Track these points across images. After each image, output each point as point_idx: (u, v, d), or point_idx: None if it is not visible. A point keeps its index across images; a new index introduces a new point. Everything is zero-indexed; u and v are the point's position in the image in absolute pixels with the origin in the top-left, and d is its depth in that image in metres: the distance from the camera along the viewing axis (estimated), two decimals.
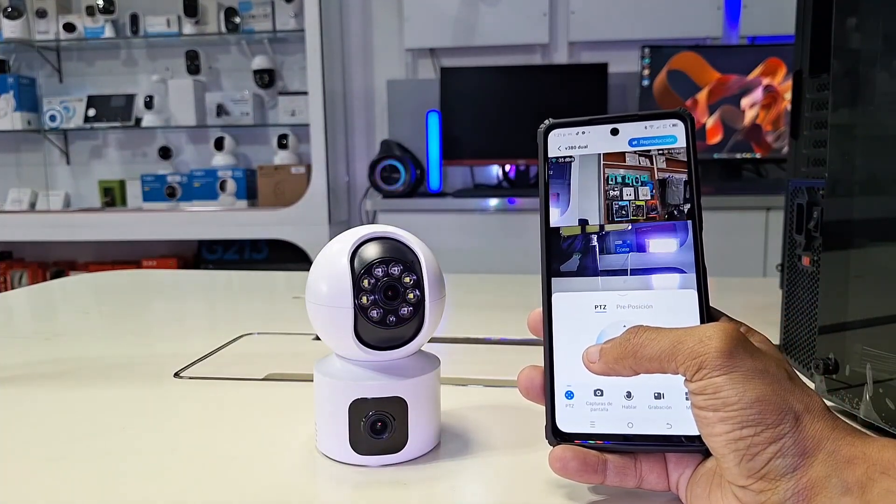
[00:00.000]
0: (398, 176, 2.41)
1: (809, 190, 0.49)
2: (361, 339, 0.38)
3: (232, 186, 2.69)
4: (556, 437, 0.34)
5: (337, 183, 2.68)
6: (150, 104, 2.72)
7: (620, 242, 0.34)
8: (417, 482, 0.37)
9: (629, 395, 0.34)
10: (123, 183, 2.89)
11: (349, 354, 0.39)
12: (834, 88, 0.42)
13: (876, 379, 0.39)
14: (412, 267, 0.38)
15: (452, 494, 0.36)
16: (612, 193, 0.35)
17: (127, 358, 0.62)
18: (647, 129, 0.35)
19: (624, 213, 0.35)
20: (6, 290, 2.64)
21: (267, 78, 2.73)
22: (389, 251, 0.39)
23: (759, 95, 2.34)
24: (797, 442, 0.28)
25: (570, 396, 0.34)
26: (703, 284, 0.33)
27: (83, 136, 2.94)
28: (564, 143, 0.36)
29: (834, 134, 0.42)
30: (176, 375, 0.56)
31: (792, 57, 0.53)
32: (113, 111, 2.77)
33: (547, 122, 0.36)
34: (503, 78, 2.52)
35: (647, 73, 2.38)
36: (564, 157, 0.36)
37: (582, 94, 2.48)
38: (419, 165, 2.54)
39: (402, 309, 0.38)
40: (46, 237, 2.69)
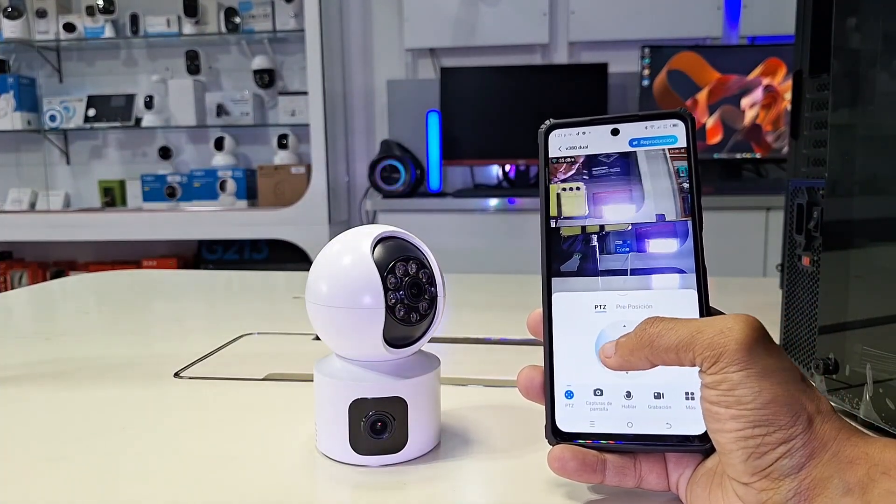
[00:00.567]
0: (398, 176, 2.41)
1: (809, 190, 0.49)
2: (384, 338, 0.38)
3: (232, 186, 2.69)
4: (555, 436, 0.34)
5: (337, 183, 2.68)
6: (150, 104, 2.72)
7: (620, 242, 0.34)
8: (417, 482, 0.37)
9: (629, 394, 0.34)
10: (123, 183, 2.89)
11: (368, 356, 0.39)
12: (834, 88, 0.42)
13: (876, 379, 0.39)
14: (424, 264, 0.39)
15: (452, 494, 0.36)
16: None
17: (127, 358, 0.62)
18: (647, 129, 0.35)
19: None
20: (6, 290, 2.64)
21: (267, 78, 2.73)
22: (402, 249, 0.39)
23: (759, 95, 2.34)
24: (806, 444, 0.28)
25: (569, 396, 0.34)
26: (703, 284, 0.33)
27: (83, 136, 2.94)
28: (565, 143, 0.36)
29: (834, 134, 0.42)
30: (176, 375, 0.56)
31: (792, 57, 0.53)
32: (113, 111, 2.77)
33: (547, 122, 0.36)
34: (503, 78, 2.52)
35: (647, 73, 2.38)
36: (565, 157, 0.36)
37: (582, 94, 2.48)
38: (419, 165, 2.54)
39: (421, 305, 0.38)
40: (46, 237, 2.69)
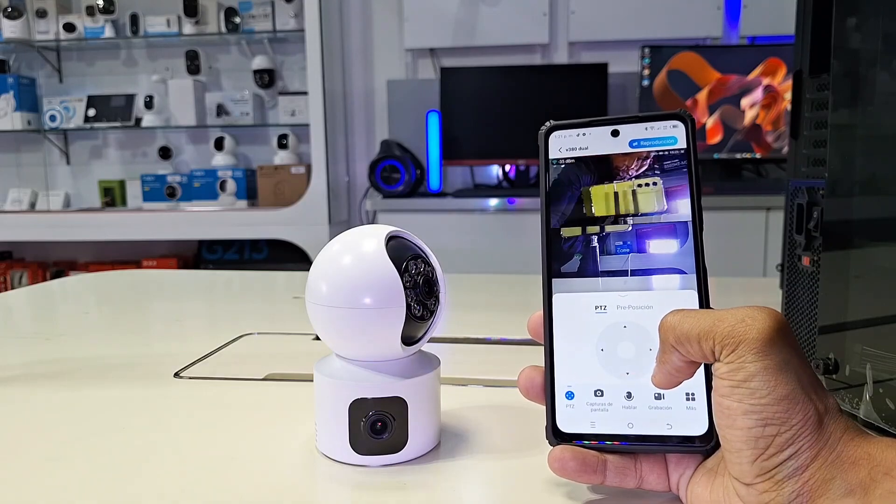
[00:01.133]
0: (398, 176, 2.41)
1: (809, 190, 0.49)
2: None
3: (232, 186, 2.69)
4: (556, 437, 0.34)
5: (337, 183, 2.68)
6: (150, 104, 2.72)
7: (621, 243, 0.34)
8: (417, 482, 0.37)
9: (629, 395, 0.34)
10: (123, 183, 2.89)
11: (378, 356, 0.39)
12: (834, 88, 0.42)
13: (876, 379, 0.39)
14: (429, 261, 0.39)
15: (452, 494, 0.36)
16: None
17: (127, 358, 0.62)
18: (647, 130, 0.35)
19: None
20: (6, 290, 2.64)
21: (267, 78, 2.73)
22: (409, 248, 0.39)
23: (759, 95, 2.34)
24: (812, 444, 0.28)
25: (570, 397, 0.34)
26: (703, 285, 0.33)
27: (83, 136, 2.94)
28: (565, 144, 0.36)
29: (834, 134, 0.42)
30: (176, 375, 0.56)
31: (792, 57, 0.53)
32: (113, 111, 2.77)
33: (548, 123, 0.36)
34: (503, 78, 2.52)
35: (647, 73, 2.38)
36: (565, 158, 0.36)
37: (582, 94, 2.47)
38: (419, 165, 2.54)
39: (431, 303, 0.38)
40: (46, 237, 2.69)
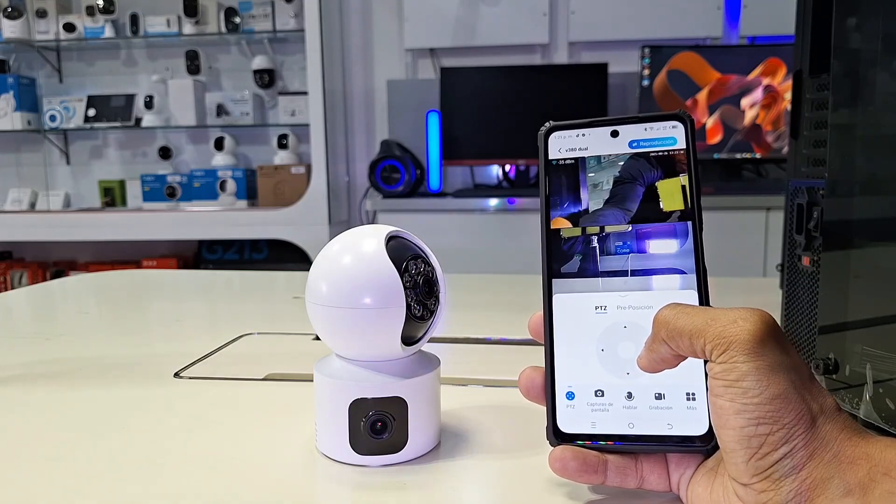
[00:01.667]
0: (398, 176, 2.41)
1: (809, 190, 0.49)
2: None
3: (232, 186, 2.69)
4: (556, 437, 0.34)
5: (337, 183, 2.68)
6: (150, 104, 2.72)
7: (621, 244, 0.34)
8: (417, 482, 0.37)
9: (630, 395, 0.34)
10: (123, 183, 2.89)
11: (378, 356, 0.39)
12: (834, 88, 0.42)
13: (876, 379, 0.39)
14: (429, 261, 0.39)
15: (452, 494, 0.36)
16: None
17: (127, 358, 0.62)
18: (647, 130, 0.35)
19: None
20: (6, 290, 2.64)
21: (267, 78, 2.73)
22: (409, 248, 0.39)
23: (759, 95, 2.34)
24: (807, 444, 0.28)
25: (570, 397, 0.34)
26: (703, 285, 0.33)
27: (83, 136, 2.94)
28: (565, 145, 0.36)
29: (834, 134, 0.42)
30: (176, 375, 0.56)
31: (792, 57, 0.53)
32: (113, 111, 2.77)
33: (547, 124, 0.36)
34: (503, 78, 2.52)
35: (647, 73, 2.38)
36: (565, 159, 0.36)
37: (582, 94, 2.47)
38: (419, 165, 2.54)
39: (431, 302, 0.38)
40: (46, 237, 2.69)
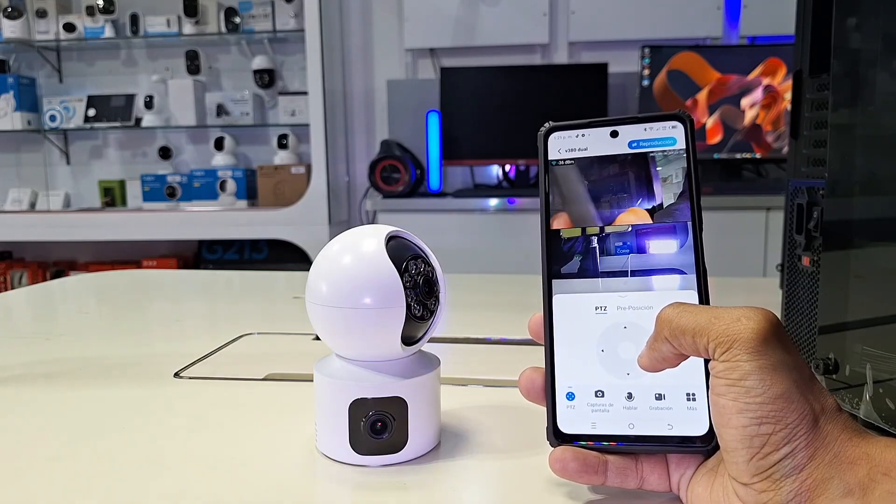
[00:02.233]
0: (398, 176, 2.41)
1: (809, 190, 0.49)
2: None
3: (232, 186, 2.69)
4: (557, 438, 0.34)
5: (337, 183, 2.68)
6: (150, 104, 2.72)
7: (621, 244, 0.34)
8: (417, 482, 0.37)
9: (630, 396, 0.34)
10: (123, 183, 2.89)
11: (378, 356, 0.39)
12: (834, 88, 0.42)
13: (876, 379, 0.39)
14: (429, 261, 0.39)
15: (452, 494, 0.36)
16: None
17: (127, 358, 0.62)
18: (646, 131, 0.35)
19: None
20: (6, 290, 2.64)
21: (267, 78, 2.73)
22: (409, 248, 0.39)
23: (759, 95, 2.34)
24: (809, 444, 0.28)
25: (571, 398, 0.34)
26: (703, 285, 0.33)
27: (83, 136, 2.94)
28: (564, 145, 0.36)
29: (834, 134, 0.42)
30: (176, 375, 0.56)
31: (792, 57, 0.53)
32: (113, 111, 2.77)
33: (547, 125, 0.36)
34: (503, 78, 2.52)
35: (647, 73, 2.38)
36: (565, 159, 0.36)
37: (582, 94, 2.47)
38: (419, 165, 2.54)
39: (431, 303, 0.38)
40: (46, 237, 2.69)
